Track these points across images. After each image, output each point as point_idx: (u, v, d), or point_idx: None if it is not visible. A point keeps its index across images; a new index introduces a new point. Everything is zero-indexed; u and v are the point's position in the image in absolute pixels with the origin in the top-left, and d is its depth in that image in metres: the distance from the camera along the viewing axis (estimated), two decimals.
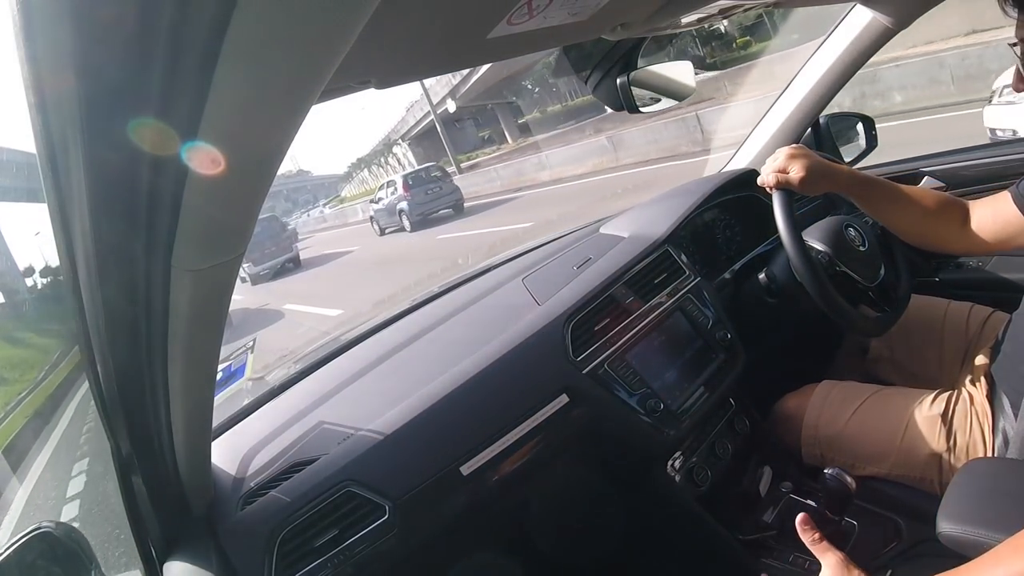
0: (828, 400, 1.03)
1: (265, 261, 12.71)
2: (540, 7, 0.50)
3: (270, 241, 12.75)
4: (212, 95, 0.27)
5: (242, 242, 0.40)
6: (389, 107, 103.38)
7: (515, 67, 19.89)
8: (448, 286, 1.36)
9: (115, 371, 0.48)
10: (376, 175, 36.05)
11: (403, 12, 0.42)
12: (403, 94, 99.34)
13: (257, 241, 12.01)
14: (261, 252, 12.62)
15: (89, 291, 0.38)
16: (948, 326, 1.10)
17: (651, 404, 0.95)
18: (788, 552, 0.94)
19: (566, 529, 1.02)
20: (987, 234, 0.90)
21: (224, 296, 0.46)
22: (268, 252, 12.75)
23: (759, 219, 1.27)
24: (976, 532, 0.61)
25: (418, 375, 0.95)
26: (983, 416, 0.89)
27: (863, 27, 1.18)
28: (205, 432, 0.67)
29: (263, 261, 12.69)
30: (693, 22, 0.90)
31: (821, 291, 0.96)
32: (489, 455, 0.84)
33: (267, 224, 13.01)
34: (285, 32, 0.26)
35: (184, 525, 0.74)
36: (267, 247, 12.72)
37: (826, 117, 1.38)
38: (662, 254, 1.13)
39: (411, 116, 28.79)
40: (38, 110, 0.26)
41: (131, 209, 0.33)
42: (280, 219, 15.45)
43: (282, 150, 0.34)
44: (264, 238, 12.50)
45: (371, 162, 39.34)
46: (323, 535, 0.76)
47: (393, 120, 41.37)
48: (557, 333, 0.95)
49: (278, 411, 1.03)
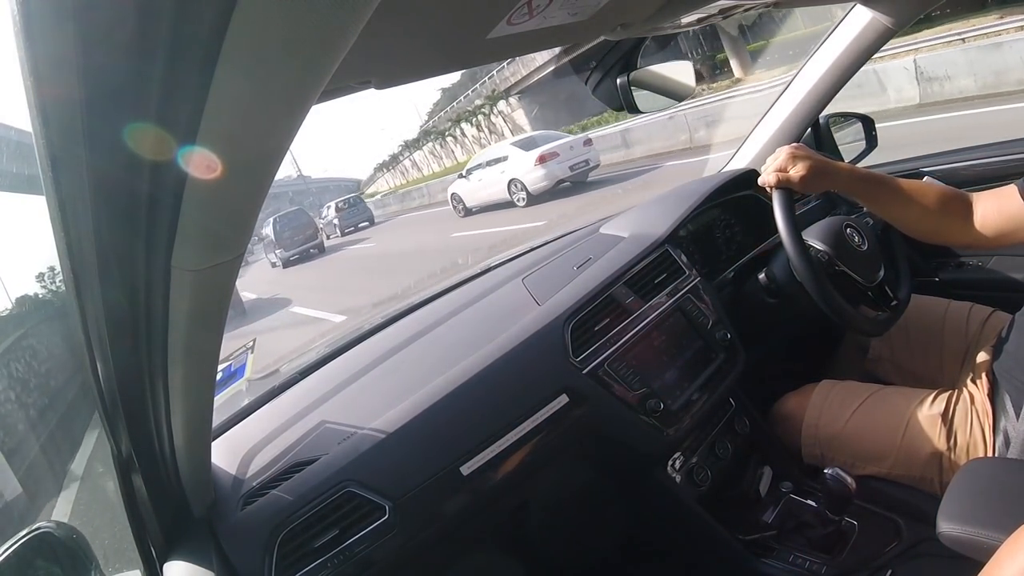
0: (828, 400, 1.03)
1: (295, 247, 14.72)
2: (540, 7, 0.50)
3: (299, 231, 14.99)
4: (212, 95, 0.27)
5: (242, 242, 0.40)
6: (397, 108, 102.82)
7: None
8: (448, 286, 1.36)
9: (115, 371, 0.48)
10: (437, 156, 31.82)
11: (403, 12, 0.42)
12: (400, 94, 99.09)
13: (287, 231, 14.86)
14: (292, 240, 14.77)
15: (89, 291, 0.38)
16: (948, 326, 1.10)
17: (651, 404, 0.95)
18: (788, 552, 0.94)
19: (566, 529, 1.02)
20: (991, 228, 0.89)
21: (224, 296, 0.46)
22: (297, 240, 14.83)
23: (759, 219, 1.27)
24: (976, 532, 0.61)
25: (418, 375, 0.95)
26: (983, 416, 0.89)
27: (863, 27, 1.18)
28: (205, 432, 0.67)
29: (292, 247, 14.70)
30: (693, 22, 0.90)
31: (821, 291, 0.96)
32: (489, 455, 0.84)
33: (295, 216, 15.59)
34: (285, 32, 0.26)
35: (184, 525, 0.74)
36: (296, 236, 14.84)
37: (826, 117, 1.38)
38: (662, 254, 1.13)
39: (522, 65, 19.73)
40: (38, 111, 0.26)
41: (131, 209, 0.33)
42: (307, 212, 17.21)
43: (282, 150, 0.34)
44: (292, 229, 14.93)
45: (421, 144, 33.84)
46: (323, 535, 0.76)
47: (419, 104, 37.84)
48: (557, 333, 0.95)
49: (278, 411, 1.03)
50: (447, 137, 29.55)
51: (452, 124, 28.28)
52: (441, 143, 30.47)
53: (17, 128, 10.62)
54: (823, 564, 0.90)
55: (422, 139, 33.81)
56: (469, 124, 26.48)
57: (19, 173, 11.13)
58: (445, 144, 30.20)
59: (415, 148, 35.36)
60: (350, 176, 70.59)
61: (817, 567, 0.90)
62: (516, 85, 22.74)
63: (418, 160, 34.98)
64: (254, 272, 15.47)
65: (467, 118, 26.60)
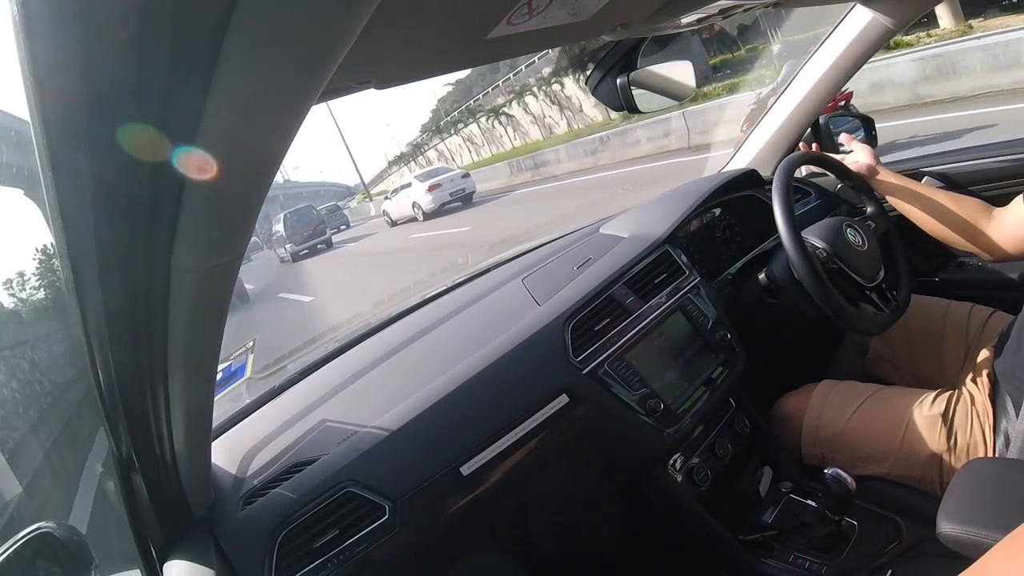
0: (828, 400, 1.03)
1: (304, 243, 15.24)
2: (540, 7, 0.50)
3: (307, 227, 15.56)
4: (212, 95, 0.27)
5: (242, 242, 0.40)
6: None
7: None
8: (448, 286, 1.36)
9: (115, 371, 0.48)
10: (476, 143, 24.85)
11: (403, 12, 0.42)
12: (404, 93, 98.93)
13: (297, 227, 15.39)
14: (301, 235, 15.28)
15: (89, 291, 0.38)
16: (948, 326, 1.10)
17: (651, 404, 0.95)
18: (788, 552, 0.94)
19: (566, 529, 1.02)
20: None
21: (224, 296, 0.46)
22: (306, 235, 15.36)
23: (759, 219, 1.27)
24: (976, 532, 0.61)
25: (418, 375, 0.95)
26: (984, 416, 0.89)
27: (863, 27, 1.18)
28: (205, 432, 0.67)
29: (302, 243, 15.20)
30: (693, 22, 0.90)
31: (820, 290, 0.96)
32: (489, 455, 0.84)
33: (304, 212, 16.04)
34: (285, 32, 0.26)
35: (184, 525, 0.74)
36: (305, 231, 15.42)
37: (826, 117, 1.38)
38: (662, 254, 1.13)
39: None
40: (38, 111, 0.26)
41: (131, 210, 0.33)
42: (315, 209, 17.57)
43: (282, 150, 0.34)
44: (302, 224, 15.51)
45: (459, 127, 26.23)
46: (323, 535, 0.76)
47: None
48: (557, 333, 0.95)
49: (278, 411, 1.03)
50: (500, 116, 22.55)
51: (513, 97, 21.56)
52: (495, 121, 23.13)
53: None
54: (823, 564, 0.90)
55: (467, 117, 26.19)
56: (535, 97, 20.14)
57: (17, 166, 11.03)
58: (497, 125, 22.98)
59: (447, 134, 28.11)
60: (340, 182, 70.84)
61: (817, 567, 0.90)
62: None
63: (451, 148, 28.02)
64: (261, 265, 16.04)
65: (534, 88, 20.20)
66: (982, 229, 1.01)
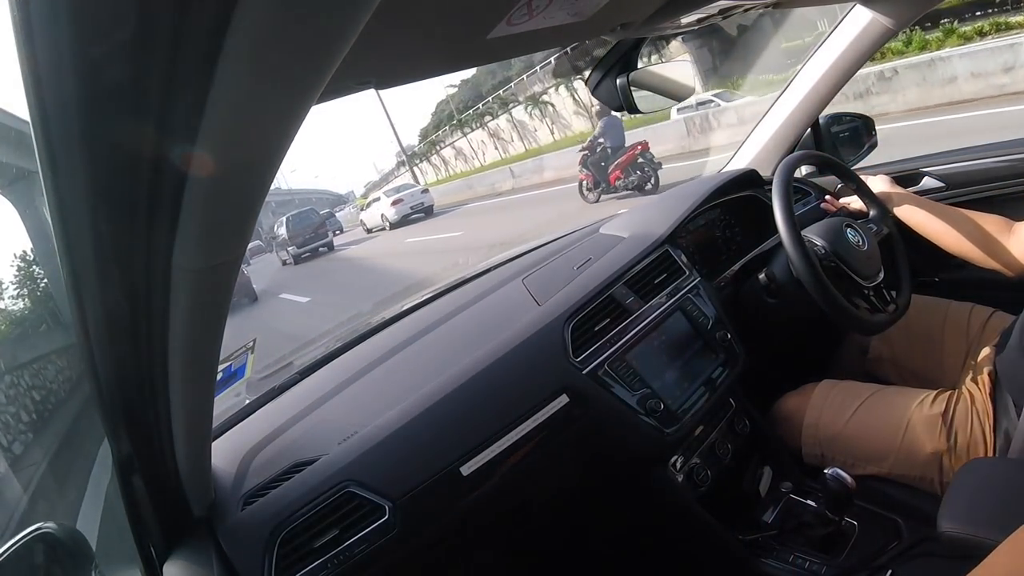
0: (828, 400, 1.03)
1: (306, 245, 15.45)
2: (540, 7, 0.50)
3: (309, 229, 15.76)
4: (212, 95, 0.27)
5: (242, 242, 0.40)
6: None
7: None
8: (448, 286, 1.36)
9: (115, 371, 0.48)
10: (505, 137, 22.56)
11: (403, 12, 0.42)
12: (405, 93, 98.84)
13: (298, 229, 15.53)
14: (303, 238, 15.47)
15: (89, 291, 0.38)
16: (949, 326, 1.10)
17: (651, 404, 0.94)
18: (788, 552, 0.94)
19: (566, 529, 1.02)
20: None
21: (224, 296, 0.46)
22: (308, 238, 15.56)
23: (759, 219, 1.27)
24: (977, 532, 0.61)
25: (418, 375, 0.95)
26: (984, 416, 0.89)
27: (863, 27, 1.18)
28: (205, 432, 0.67)
29: (304, 245, 15.43)
30: (693, 22, 0.90)
31: (820, 289, 0.96)
32: (489, 455, 0.84)
33: (306, 215, 16.21)
34: (285, 32, 0.26)
35: (184, 525, 0.74)
36: (307, 234, 15.63)
37: (826, 117, 1.38)
38: (662, 254, 1.13)
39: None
40: (38, 110, 0.26)
41: (131, 209, 0.33)
42: (318, 211, 17.84)
43: (282, 150, 0.34)
44: (304, 227, 15.67)
45: (486, 120, 23.77)
46: (323, 535, 0.76)
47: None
48: (557, 333, 0.95)
49: (278, 411, 1.03)
50: (539, 106, 20.34)
51: (555, 84, 19.37)
52: (533, 111, 20.85)
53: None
54: (823, 564, 0.90)
55: (496, 109, 23.60)
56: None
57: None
58: (536, 115, 20.76)
59: (468, 128, 25.77)
60: (331, 189, 71.61)
61: (817, 567, 0.90)
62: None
63: (473, 145, 25.63)
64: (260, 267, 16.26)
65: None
66: (1004, 244, 1.00)
